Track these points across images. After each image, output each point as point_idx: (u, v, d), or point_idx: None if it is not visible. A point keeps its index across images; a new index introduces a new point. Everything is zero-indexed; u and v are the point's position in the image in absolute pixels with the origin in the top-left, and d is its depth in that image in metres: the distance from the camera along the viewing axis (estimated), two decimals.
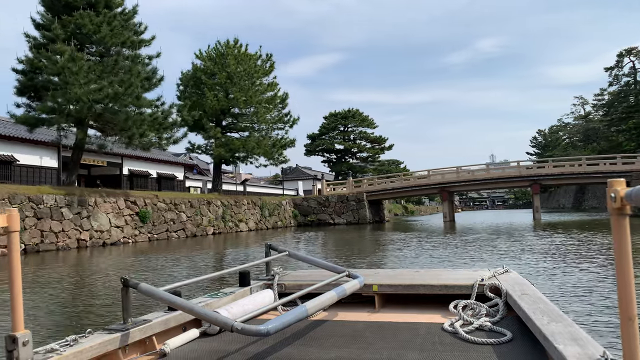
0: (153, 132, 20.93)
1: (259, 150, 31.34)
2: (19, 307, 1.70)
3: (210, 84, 30.75)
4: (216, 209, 29.72)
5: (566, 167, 37.47)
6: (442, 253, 13.96)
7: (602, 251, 12.65)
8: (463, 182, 39.57)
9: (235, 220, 31.40)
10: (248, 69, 31.87)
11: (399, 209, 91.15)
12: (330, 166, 64.20)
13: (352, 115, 60.95)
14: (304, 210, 41.82)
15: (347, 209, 41.49)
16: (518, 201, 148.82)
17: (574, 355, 1.61)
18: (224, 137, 30.74)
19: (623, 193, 1.15)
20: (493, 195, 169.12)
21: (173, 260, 14.21)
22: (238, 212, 32.07)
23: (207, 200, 29.21)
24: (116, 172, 40.39)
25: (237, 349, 2.30)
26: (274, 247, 3.41)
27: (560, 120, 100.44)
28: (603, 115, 74.23)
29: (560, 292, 7.36)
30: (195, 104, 31.15)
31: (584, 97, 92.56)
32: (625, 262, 1.19)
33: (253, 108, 31.54)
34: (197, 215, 27.60)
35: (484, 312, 2.67)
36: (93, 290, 9.16)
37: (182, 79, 32.49)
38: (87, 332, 2.12)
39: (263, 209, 35.41)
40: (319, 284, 2.82)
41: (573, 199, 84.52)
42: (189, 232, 26.32)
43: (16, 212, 1.68)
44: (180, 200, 26.73)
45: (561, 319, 2.08)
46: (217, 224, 29.37)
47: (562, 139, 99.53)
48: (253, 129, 32.94)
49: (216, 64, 31.77)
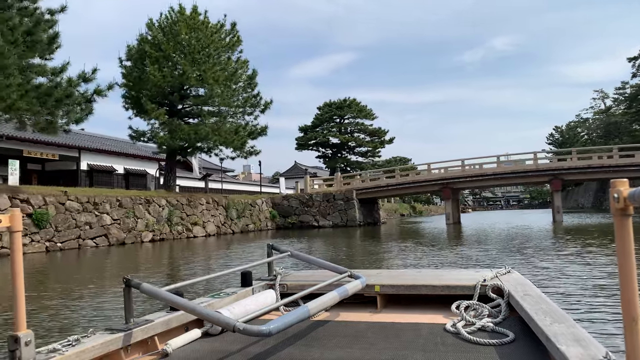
0: (37, 105, 15.27)
1: (215, 138, 25.57)
2: (21, 306, 1.71)
3: (155, 56, 25.06)
4: (159, 209, 24.06)
5: (594, 160, 31.14)
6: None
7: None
8: (469, 178, 33.39)
9: (187, 224, 25.72)
10: (204, 39, 26.14)
11: (405, 209, 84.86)
12: (325, 162, 58.24)
13: (348, 105, 54.74)
14: (284, 211, 36.03)
15: (333, 209, 35.62)
16: (534, 201, 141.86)
17: (577, 356, 1.60)
18: (171, 122, 25.00)
19: (626, 193, 1.16)
20: (508, 195, 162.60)
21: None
22: (192, 213, 26.39)
23: (146, 199, 23.56)
24: (73, 167, 35.32)
25: (239, 349, 2.31)
26: (276, 247, 3.42)
27: (578, 116, 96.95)
28: (626, 108, 70.19)
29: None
30: (139, 82, 25.54)
31: (604, 91, 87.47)
32: (629, 263, 1.20)
33: (217, 88, 25.75)
34: (129, 218, 21.95)
35: (486, 312, 2.67)
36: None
37: (128, 53, 26.87)
38: (89, 332, 2.12)
39: (229, 209, 29.69)
40: (321, 285, 2.84)
41: (593, 198, 79.27)
42: (113, 239, 20.69)
43: (19, 212, 1.70)
44: (105, 199, 21.10)
45: (564, 319, 2.07)
46: (160, 228, 23.71)
47: (580, 135, 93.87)
48: (212, 113, 27.17)
49: (166, 34, 26.10)
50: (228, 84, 26.70)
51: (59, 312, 6.66)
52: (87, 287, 9.06)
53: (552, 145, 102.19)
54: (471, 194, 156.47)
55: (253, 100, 29.05)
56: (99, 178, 36.44)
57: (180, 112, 27.89)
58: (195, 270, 11.17)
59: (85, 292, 8.49)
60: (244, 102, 28.39)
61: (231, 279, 7.44)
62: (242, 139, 26.84)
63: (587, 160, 31.19)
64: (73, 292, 8.57)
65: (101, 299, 7.63)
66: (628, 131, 66.94)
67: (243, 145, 26.97)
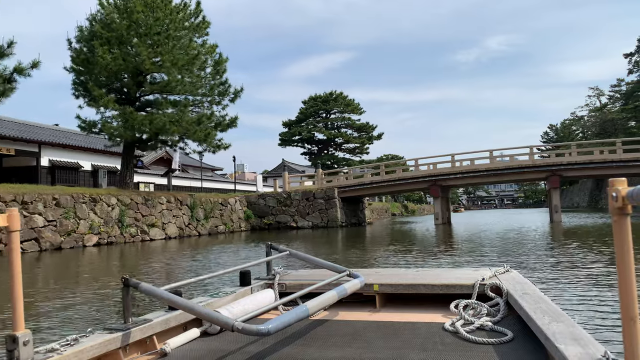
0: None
1: (174, 129, 22.70)
2: (19, 306, 1.71)
3: (107, 37, 22.17)
4: (107, 209, 21.21)
5: (596, 155, 28.48)
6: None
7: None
8: (459, 175, 30.68)
9: (142, 225, 22.88)
10: (163, 18, 23.28)
11: (397, 208, 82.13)
12: (311, 159, 55.41)
13: (335, 99, 51.75)
14: (260, 211, 33.22)
15: (313, 208, 32.85)
16: (528, 200, 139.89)
17: (575, 355, 1.59)
18: (123, 111, 22.10)
19: (625, 192, 1.16)
20: (502, 194, 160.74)
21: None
22: (149, 213, 23.54)
23: (92, 197, 20.70)
24: (32, 163, 32.52)
25: (238, 349, 2.30)
26: (275, 246, 3.40)
27: (573, 114, 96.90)
28: (622, 105, 70.24)
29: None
30: (88, 66, 22.69)
31: (599, 88, 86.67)
32: (627, 262, 1.20)
33: (175, 72, 22.90)
34: (69, 219, 19.10)
35: (485, 311, 2.66)
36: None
37: (79, 35, 23.96)
38: (88, 331, 2.11)
39: (194, 208, 26.86)
40: (320, 284, 2.84)
41: (589, 197, 78.06)
42: (46, 244, 17.84)
43: (16, 212, 1.70)
44: (37, 197, 18.24)
45: (562, 318, 2.07)
46: (108, 230, 20.87)
47: (575, 133, 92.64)
48: (173, 102, 24.32)
49: (120, 12, 23.22)
50: (190, 68, 23.83)
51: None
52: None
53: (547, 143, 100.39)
54: (465, 192, 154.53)
55: (221, 88, 26.20)
56: (63, 175, 33.70)
57: (139, 100, 25.02)
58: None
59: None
60: (210, 89, 25.53)
61: (231, 279, 7.20)
62: (205, 130, 23.96)
63: (589, 156, 28.52)
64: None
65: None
66: (624, 128, 65.82)
67: (207, 137, 24.08)
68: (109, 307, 6.67)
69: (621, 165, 27.30)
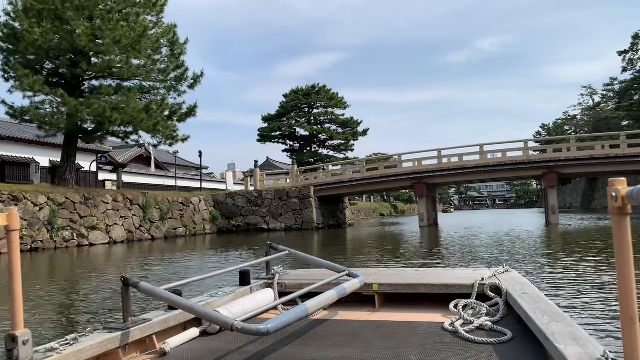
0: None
1: (117, 117, 19.57)
2: (19, 306, 1.70)
3: (38, 9, 19.01)
4: (33, 209, 18.07)
5: (597, 150, 25.65)
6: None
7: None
8: (446, 172, 27.75)
9: (80, 228, 19.74)
10: None
11: (386, 208, 79.17)
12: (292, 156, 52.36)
13: (317, 92, 48.62)
14: (228, 211, 30.13)
15: (287, 208, 29.82)
16: (520, 200, 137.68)
17: (575, 354, 1.58)
18: (54, 95, 18.96)
19: (624, 192, 1.16)
20: (494, 194, 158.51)
21: None
22: (89, 214, 20.40)
23: (12, 195, 17.55)
24: None
25: (238, 348, 2.28)
26: (274, 246, 3.34)
27: (566, 113, 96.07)
28: (616, 103, 68.66)
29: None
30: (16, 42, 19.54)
31: (592, 87, 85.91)
32: (626, 262, 1.19)
33: (114, 50, 19.78)
34: None
35: (485, 311, 2.63)
36: None
37: (7, 9, 20.76)
38: (87, 331, 2.08)
39: (148, 209, 23.73)
40: (319, 283, 2.81)
41: (582, 197, 76.13)
42: None
43: (16, 211, 1.68)
44: None
45: (562, 318, 2.04)
46: (35, 234, 17.75)
47: (568, 132, 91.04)
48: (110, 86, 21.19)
49: None
50: (138, 48, 20.72)
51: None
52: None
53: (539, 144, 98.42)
54: (457, 193, 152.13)
55: (177, 72, 23.12)
56: (13, 172, 30.44)
57: (83, 84, 21.88)
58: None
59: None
60: (163, 73, 22.43)
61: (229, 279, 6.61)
62: (155, 119, 20.85)
63: (589, 151, 25.68)
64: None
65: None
66: (618, 127, 64.37)
67: (155, 127, 20.96)
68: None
69: (625, 161, 24.54)
